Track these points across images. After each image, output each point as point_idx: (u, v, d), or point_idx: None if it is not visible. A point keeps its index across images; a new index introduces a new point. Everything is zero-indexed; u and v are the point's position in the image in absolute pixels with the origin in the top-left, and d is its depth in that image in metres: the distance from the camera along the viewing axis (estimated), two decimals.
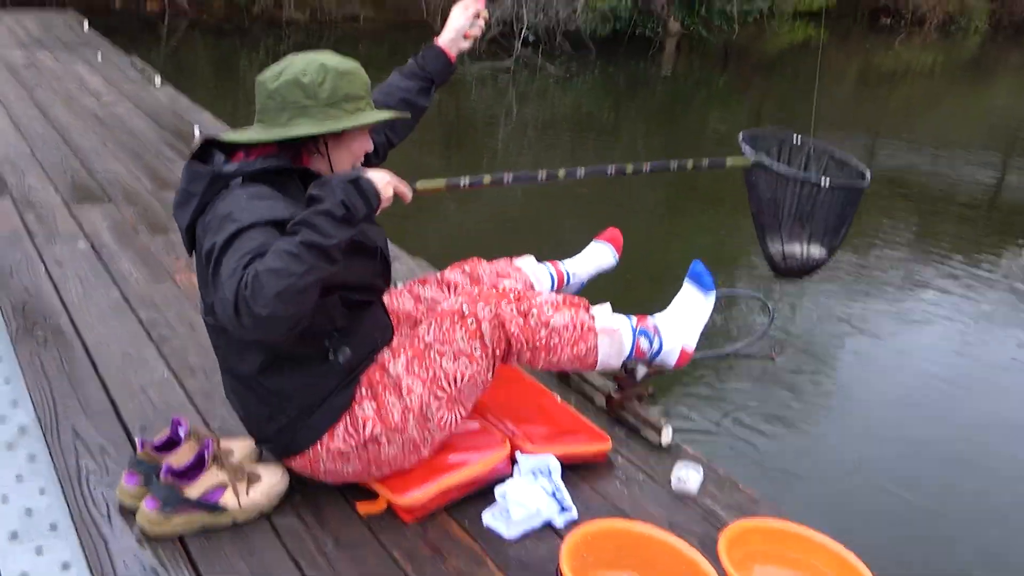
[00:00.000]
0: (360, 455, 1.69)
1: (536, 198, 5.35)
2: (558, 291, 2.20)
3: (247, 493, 1.70)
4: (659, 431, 2.09)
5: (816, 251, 2.09)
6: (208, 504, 1.66)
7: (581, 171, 1.73)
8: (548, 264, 2.22)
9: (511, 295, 1.74)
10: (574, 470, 1.93)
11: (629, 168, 1.81)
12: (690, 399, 3.31)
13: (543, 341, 1.76)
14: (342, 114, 1.59)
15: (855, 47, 18.28)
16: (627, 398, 2.17)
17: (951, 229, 6.03)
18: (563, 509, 1.80)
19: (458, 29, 2.01)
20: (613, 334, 1.82)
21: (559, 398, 2.18)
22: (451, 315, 1.70)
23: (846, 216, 2.00)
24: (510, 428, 1.97)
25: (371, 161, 2.00)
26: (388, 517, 1.75)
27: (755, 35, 16.78)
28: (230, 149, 1.67)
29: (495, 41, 11.01)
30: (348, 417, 1.68)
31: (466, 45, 2.03)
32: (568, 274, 2.26)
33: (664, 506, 1.88)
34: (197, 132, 4.52)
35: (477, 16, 2.01)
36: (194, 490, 1.65)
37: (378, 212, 1.52)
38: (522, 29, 10.51)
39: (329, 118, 1.58)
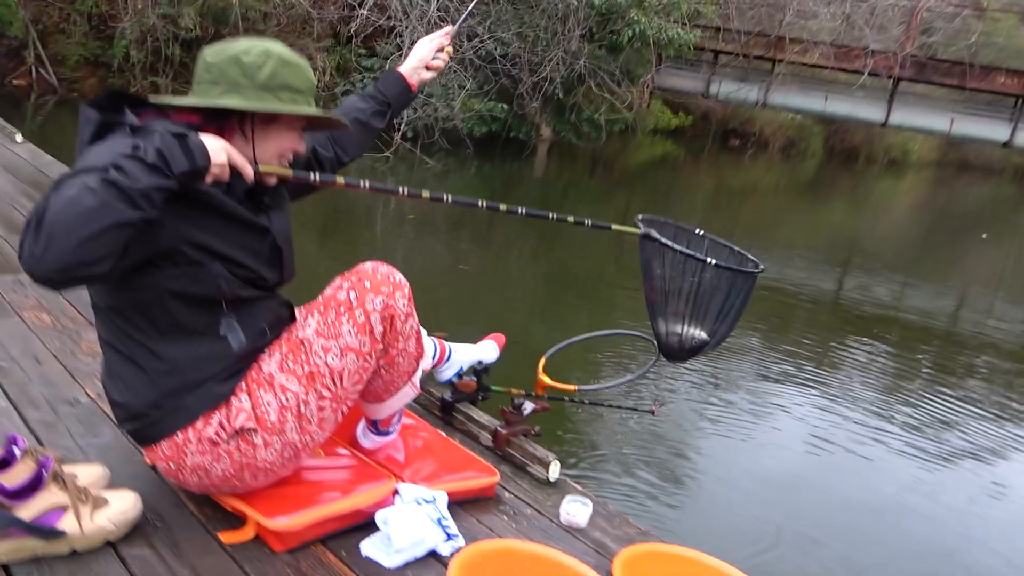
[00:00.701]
0: (232, 451, 1.53)
1: (441, 289, 5.41)
2: (435, 366, 2.17)
3: (91, 518, 1.49)
4: (547, 466, 2.02)
5: (697, 332, 2.09)
6: (43, 529, 1.44)
7: (448, 197, 1.70)
8: (434, 337, 2.18)
9: (405, 288, 1.65)
10: (460, 505, 1.83)
11: (503, 207, 1.79)
12: (574, 444, 3.31)
13: (408, 350, 1.70)
14: (276, 101, 1.51)
15: (708, 164, 19.71)
16: (514, 434, 2.10)
17: (801, 326, 6.45)
18: (449, 538, 1.68)
19: (421, 59, 2.02)
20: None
21: (443, 434, 2.09)
22: (336, 306, 1.59)
23: (732, 303, 1.98)
24: (394, 465, 1.87)
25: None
26: (255, 546, 1.58)
27: (620, 148, 17.81)
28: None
29: None
30: (224, 408, 1.53)
31: (427, 76, 2.04)
32: (450, 351, 2.22)
33: (553, 538, 1.79)
34: None
35: (441, 50, 2.04)
36: (27, 511, 1.43)
37: (209, 179, 1.40)
38: (402, 123, 10.68)
39: (261, 101, 1.49)
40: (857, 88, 15.70)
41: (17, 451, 1.51)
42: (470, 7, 2.45)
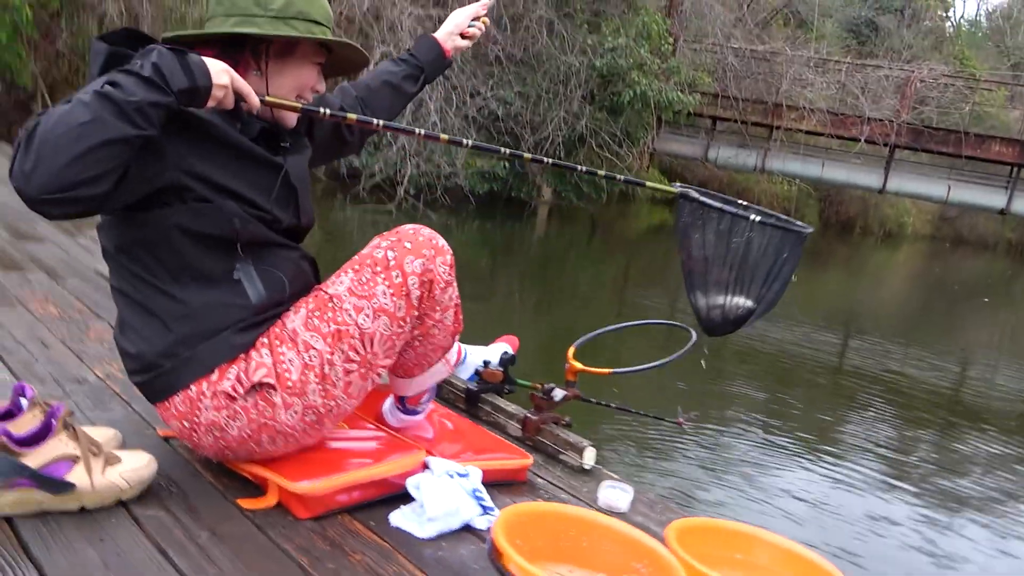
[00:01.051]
0: (249, 408, 1.42)
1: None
2: (453, 366, 2.06)
3: (102, 472, 1.37)
4: (581, 451, 1.91)
5: (742, 301, 1.99)
6: (51, 480, 1.32)
7: (468, 142, 1.64)
8: None
9: (448, 255, 1.54)
10: (492, 486, 1.71)
11: (527, 155, 1.73)
12: (603, 446, 3.12)
13: (445, 322, 1.60)
14: (291, 30, 1.45)
15: None
16: (544, 421, 1.99)
17: (802, 392, 6.32)
18: (485, 511, 1.56)
19: (457, 24, 1.97)
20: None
21: (470, 421, 1.98)
22: (372, 264, 1.49)
23: (779, 266, 1.89)
24: (423, 443, 1.75)
25: (346, 139, 1.87)
26: (278, 513, 1.46)
27: (619, 214, 17.96)
28: None
29: (378, 187, 11.18)
30: (243, 361, 1.43)
31: (463, 44, 2.00)
32: (465, 353, 2.17)
33: None
34: None
35: (477, 18, 2.00)
36: (35, 459, 1.31)
37: (211, 103, 1.32)
38: (406, 177, 10.75)
39: (276, 30, 1.44)
40: (854, 155, 15.94)
41: (24, 401, 1.41)
42: None
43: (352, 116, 1.55)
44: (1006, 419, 6.42)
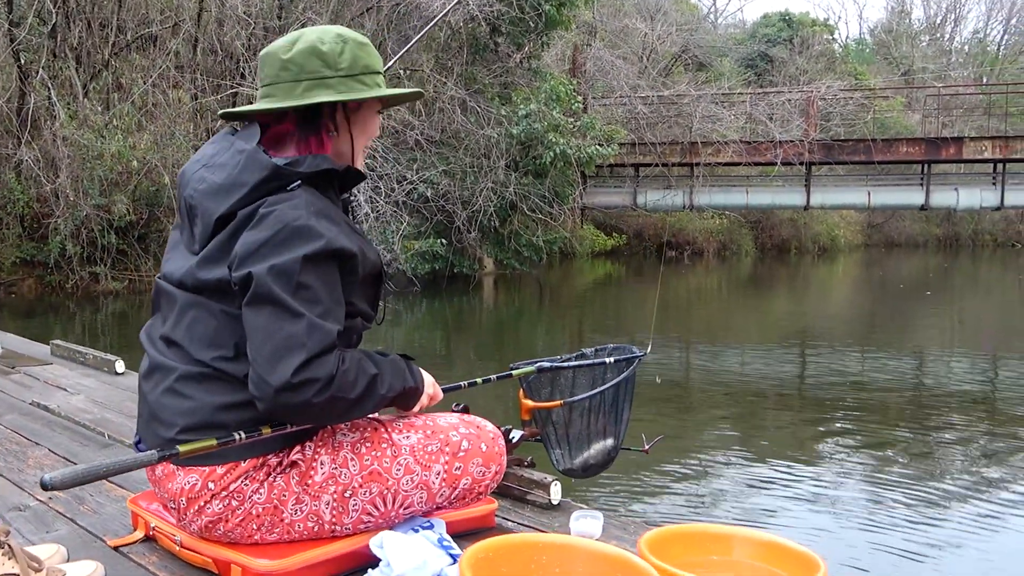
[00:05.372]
0: (274, 486, 1.42)
1: None
2: None
3: None
4: (547, 488, 1.88)
5: (610, 442, 2.10)
6: None
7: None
8: None
9: (501, 473, 1.64)
10: (459, 537, 1.67)
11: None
12: (570, 481, 3.05)
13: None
14: (364, 87, 1.44)
15: (650, 278, 20.16)
16: (506, 465, 1.96)
17: (770, 416, 6.35)
18: (454, 560, 1.52)
19: None
20: None
21: None
22: (444, 442, 1.54)
23: (624, 398, 2.05)
24: None
25: None
26: None
27: (563, 274, 18.18)
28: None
29: None
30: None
31: None
32: None
33: None
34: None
35: None
36: None
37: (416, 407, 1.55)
38: None
39: (351, 90, 1.43)
40: (774, 178, 16.51)
41: None
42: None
43: None
44: (968, 404, 6.54)
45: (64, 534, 1.68)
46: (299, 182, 1.36)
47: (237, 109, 1.49)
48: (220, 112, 1.49)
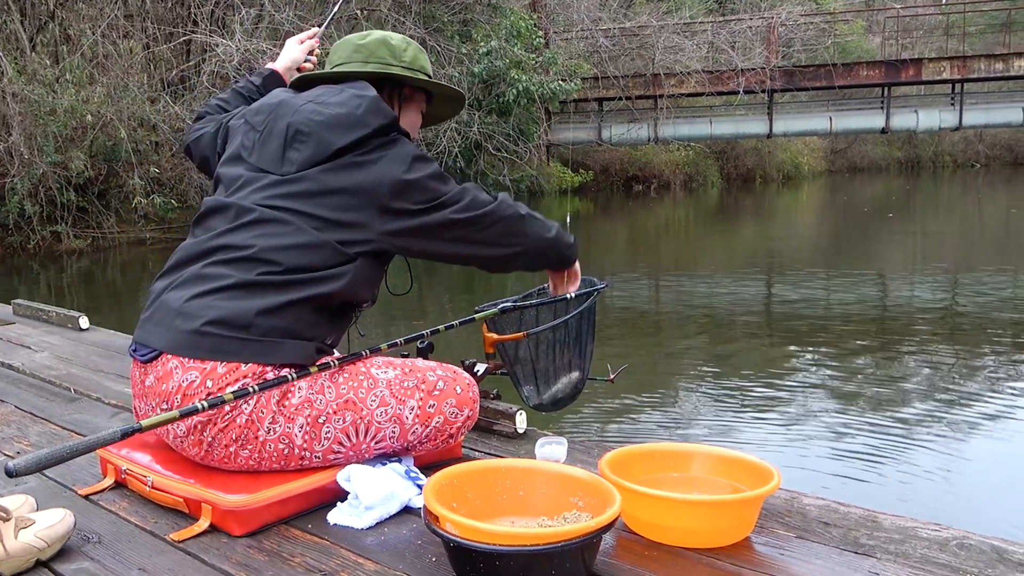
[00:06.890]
0: (260, 400, 1.46)
1: None
2: None
3: (14, 536, 1.32)
4: (512, 418, 1.92)
5: (576, 375, 2.14)
6: None
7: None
8: None
9: (472, 423, 1.68)
10: (426, 468, 1.71)
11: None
12: (535, 412, 3.13)
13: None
14: (425, 79, 1.71)
15: (619, 212, 20.19)
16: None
17: (738, 341, 6.45)
18: (421, 490, 1.55)
19: (293, 60, 2.05)
20: None
21: None
22: (420, 380, 1.59)
23: (588, 331, 2.12)
24: None
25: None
26: (211, 538, 1.43)
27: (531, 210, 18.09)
28: None
29: None
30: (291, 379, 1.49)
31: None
32: None
33: None
34: None
35: (311, 52, 2.08)
36: None
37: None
38: None
39: (414, 76, 1.70)
40: (737, 107, 16.48)
41: None
42: (335, 8, 2.44)
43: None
44: (931, 321, 6.71)
45: (33, 486, 1.69)
46: (399, 135, 1.58)
47: (311, 73, 1.72)
48: (293, 80, 1.71)
